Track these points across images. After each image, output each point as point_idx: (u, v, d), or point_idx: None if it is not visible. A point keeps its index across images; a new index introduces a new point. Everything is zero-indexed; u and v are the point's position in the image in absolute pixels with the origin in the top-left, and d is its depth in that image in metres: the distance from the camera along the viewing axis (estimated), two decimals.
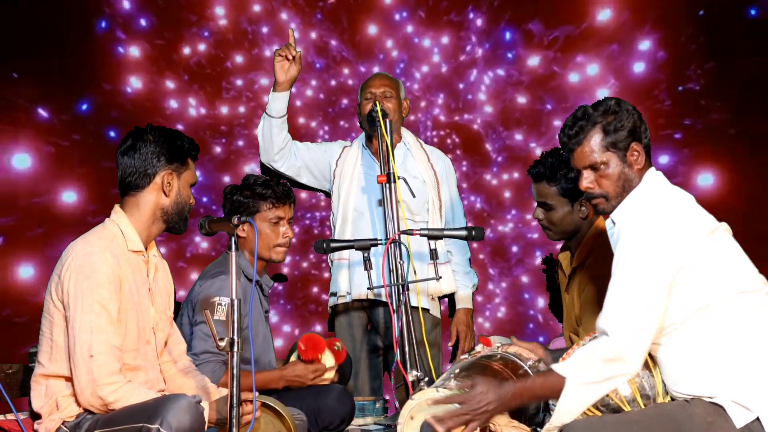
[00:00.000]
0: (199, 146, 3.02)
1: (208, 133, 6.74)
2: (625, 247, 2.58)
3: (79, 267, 2.74)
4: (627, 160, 2.69)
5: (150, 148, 2.90)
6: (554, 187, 3.29)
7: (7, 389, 2.77)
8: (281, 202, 3.50)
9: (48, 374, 2.77)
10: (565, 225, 3.33)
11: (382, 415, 3.68)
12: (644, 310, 2.51)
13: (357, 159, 4.04)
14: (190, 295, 3.43)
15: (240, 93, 6.96)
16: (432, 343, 3.82)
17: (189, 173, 2.96)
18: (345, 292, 3.94)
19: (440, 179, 4.06)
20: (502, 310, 6.66)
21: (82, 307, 2.70)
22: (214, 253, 6.49)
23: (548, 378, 2.54)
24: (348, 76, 7.10)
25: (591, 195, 2.74)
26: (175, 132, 2.96)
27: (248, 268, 3.41)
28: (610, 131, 2.68)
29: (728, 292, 2.56)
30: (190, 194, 2.97)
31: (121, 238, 2.85)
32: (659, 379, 2.63)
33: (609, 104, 2.71)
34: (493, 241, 6.86)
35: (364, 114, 3.90)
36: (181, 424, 2.57)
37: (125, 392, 2.69)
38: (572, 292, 3.33)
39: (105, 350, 2.70)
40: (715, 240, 2.59)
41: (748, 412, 2.48)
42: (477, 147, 6.92)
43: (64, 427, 2.76)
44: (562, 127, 2.74)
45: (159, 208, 2.92)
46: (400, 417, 2.67)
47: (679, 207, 2.63)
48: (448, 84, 6.85)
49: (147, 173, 2.89)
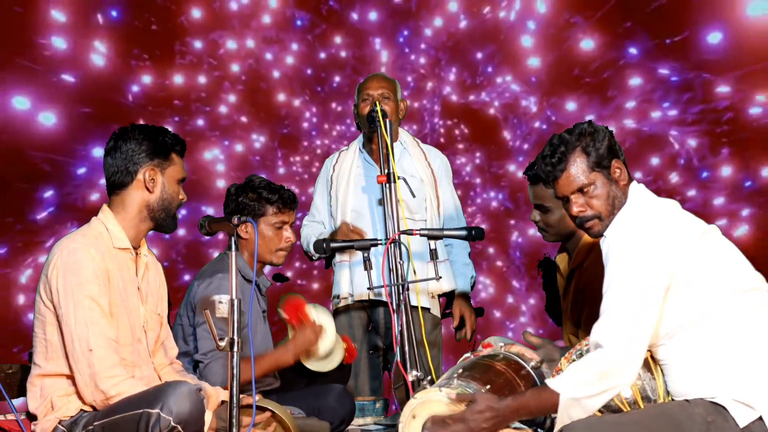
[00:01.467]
0: (184, 141, 3.06)
1: (156, 110, 5.93)
2: (616, 259, 2.64)
3: (64, 264, 2.80)
4: (612, 178, 2.76)
5: (131, 145, 2.96)
6: (551, 189, 3.20)
7: (7, 389, 2.82)
8: (287, 207, 3.59)
9: (45, 374, 2.82)
10: (562, 227, 3.39)
11: (382, 415, 3.73)
12: (638, 322, 2.56)
13: (353, 161, 4.13)
14: (188, 296, 3.48)
15: (199, 59, 6.18)
16: (432, 343, 3.90)
17: (174, 168, 3.02)
18: (347, 294, 4.03)
19: (438, 177, 4.13)
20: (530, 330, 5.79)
21: (73, 304, 2.77)
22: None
23: (543, 394, 2.58)
24: (341, 47, 6.46)
25: (584, 218, 2.78)
26: (158, 128, 3.03)
27: (246, 268, 3.49)
28: (590, 152, 2.74)
29: (727, 291, 2.61)
30: (177, 190, 3.02)
31: (106, 236, 2.91)
32: (661, 382, 2.66)
33: (582, 127, 2.79)
34: (524, 247, 6.42)
35: (363, 115, 3.98)
36: (182, 409, 2.62)
37: (127, 387, 2.74)
38: (571, 293, 3.37)
39: (103, 343, 2.76)
40: (708, 241, 2.64)
41: (751, 410, 2.50)
42: (493, 134, 6.47)
43: (60, 427, 2.79)
44: (541, 157, 2.80)
45: (145, 206, 2.97)
46: (401, 416, 2.69)
47: (666, 214, 2.70)
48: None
49: (129, 170, 2.96)
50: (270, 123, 6.65)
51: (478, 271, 6.97)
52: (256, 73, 6.51)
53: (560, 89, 6.25)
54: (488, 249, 6.77)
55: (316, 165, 6.42)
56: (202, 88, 6.16)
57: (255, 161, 6.60)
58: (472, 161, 6.43)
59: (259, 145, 6.64)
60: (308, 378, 3.68)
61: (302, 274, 6.61)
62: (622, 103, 6.12)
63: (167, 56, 5.87)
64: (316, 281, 6.62)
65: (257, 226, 3.40)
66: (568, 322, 3.42)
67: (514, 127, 6.40)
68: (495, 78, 6.38)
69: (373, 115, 3.70)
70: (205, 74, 6.16)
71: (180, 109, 6.04)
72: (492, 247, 6.68)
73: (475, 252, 6.56)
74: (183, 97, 6.05)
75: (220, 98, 6.32)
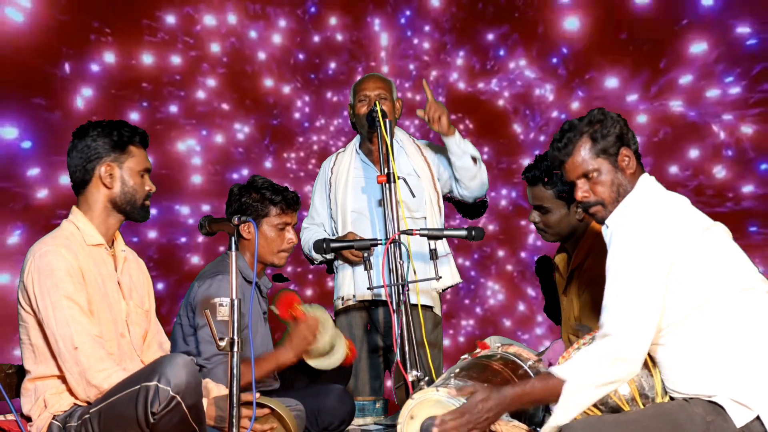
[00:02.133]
0: (144, 132, 3.26)
1: (119, 92, 5.57)
2: (618, 246, 2.85)
3: (37, 268, 3.04)
4: (618, 166, 2.97)
5: (86, 142, 3.18)
6: (550, 190, 3.55)
7: (7, 389, 2.99)
8: (291, 208, 3.82)
9: (36, 377, 3.07)
10: (561, 227, 3.57)
11: (382, 415, 3.94)
12: (645, 308, 2.73)
13: (351, 162, 4.38)
14: (188, 297, 3.71)
15: (172, 35, 5.70)
16: (432, 343, 4.09)
17: (134, 160, 3.21)
18: (350, 295, 4.26)
19: (433, 168, 4.35)
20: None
21: (52, 305, 3.00)
22: None
23: (548, 381, 2.75)
24: (336, 28, 6.10)
25: (587, 204, 3.01)
26: (115, 123, 3.24)
27: (246, 269, 3.72)
28: (597, 138, 2.97)
29: (726, 290, 2.79)
30: (141, 181, 3.22)
31: (78, 234, 3.15)
32: (658, 379, 2.85)
33: (593, 114, 3.03)
34: (540, 250, 6.15)
35: (360, 115, 4.25)
36: (179, 379, 2.81)
37: (119, 378, 2.96)
38: (571, 294, 3.57)
39: (87, 339, 2.99)
40: (710, 238, 2.85)
41: (748, 410, 2.66)
42: (503, 127, 6.22)
43: (55, 422, 2.99)
44: (551, 142, 3.06)
45: (107, 201, 3.19)
46: (400, 416, 2.90)
47: (672, 207, 2.92)
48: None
49: (87, 168, 3.18)
50: (256, 112, 6.42)
51: (486, 275, 6.38)
52: (239, 54, 6.22)
53: (599, 60, 5.93)
54: (498, 252, 6.63)
55: (313, 162, 6.28)
56: (176, 70, 5.77)
57: (238, 154, 6.34)
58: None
59: (243, 137, 6.39)
60: (309, 375, 3.90)
61: (297, 278, 6.48)
62: (675, 78, 5.76)
63: (134, 32, 5.52)
64: (310, 286, 6.49)
65: (260, 226, 3.69)
66: (567, 322, 3.63)
67: (526, 118, 6.17)
68: (508, 63, 6.08)
69: (373, 115, 3.94)
70: (180, 54, 5.74)
71: (150, 93, 5.68)
72: (502, 249, 6.52)
73: (483, 255, 6.50)
74: (153, 80, 5.67)
75: (196, 82, 5.99)
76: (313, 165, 6.28)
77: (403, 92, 6.22)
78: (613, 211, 2.97)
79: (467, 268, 6.58)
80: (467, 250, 6.60)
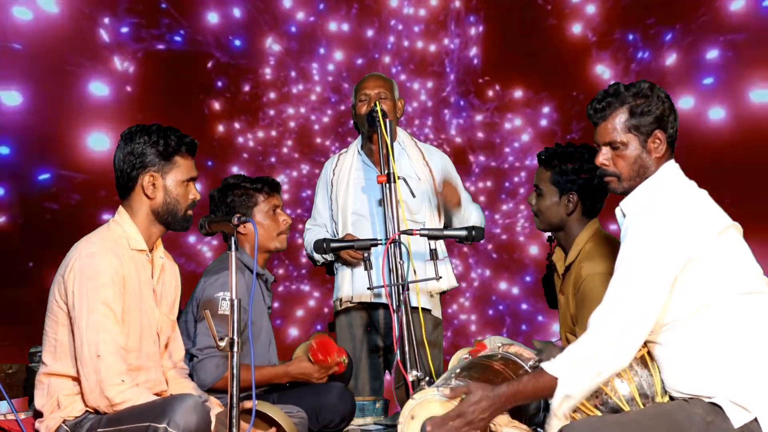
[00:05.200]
0: (192, 140, 3.24)
1: None
2: (632, 239, 2.83)
3: (82, 268, 3.04)
4: (647, 146, 2.92)
5: (131, 148, 3.17)
6: (548, 173, 3.54)
7: (7, 389, 3.00)
8: (275, 191, 3.90)
9: (51, 373, 3.08)
10: (549, 215, 3.54)
11: (382, 415, 3.96)
12: (643, 302, 2.74)
13: (352, 163, 4.41)
14: (195, 292, 3.77)
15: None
16: (433, 343, 4.11)
17: (178, 171, 3.20)
18: (349, 296, 4.29)
19: (436, 176, 4.38)
20: None
21: (87, 308, 3.02)
22: None
23: (540, 378, 2.76)
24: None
25: (604, 172, 3.00)
26: (163, 129, 3.22)
27: (252, 263, 3.76)
28: (636, 113, 2.92)
29: (730, 292, 2.79)
30: (186, 191, 3.22)
31: (124, 238, 3.16)
32: (658, 379, 2.86)
33: (642, 87, 2.95)
34: None
35: (361, 115, 4.28)
36: (188, 423, 2.83)
37: (133, 394, 2.99)
38: (566, 291, 3.57)
39: (112, 350, 3.01)
40: (725, 239, 2.83)
41: (746, 412, 2.69)
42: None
43: (64, 426, 3.01)
44: (592, 99, 3.01)
45: (150, 211, 3.20)
46: (400, 416, 2.91)
47: (691, 202, 2.88)
48: None
49: (131, 176, 3.18)
50: None
51: (500, 280, 6.35)
52: None
53: None
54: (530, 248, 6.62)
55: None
56: None
57: None
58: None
59: None
60: None
61: (297, 278, 6.49)
62: None
63: None
64: (307, 286, 6.50)
65: (253, 219, 3.74)
66: (564, 321, 3.62)
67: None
68: None
69: (373, 115, 3.94)
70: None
71: None
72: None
73: (500, 261, 6.48)
74: None
75: None
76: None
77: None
78: (631, 196, 2.95)
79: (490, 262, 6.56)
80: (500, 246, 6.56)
